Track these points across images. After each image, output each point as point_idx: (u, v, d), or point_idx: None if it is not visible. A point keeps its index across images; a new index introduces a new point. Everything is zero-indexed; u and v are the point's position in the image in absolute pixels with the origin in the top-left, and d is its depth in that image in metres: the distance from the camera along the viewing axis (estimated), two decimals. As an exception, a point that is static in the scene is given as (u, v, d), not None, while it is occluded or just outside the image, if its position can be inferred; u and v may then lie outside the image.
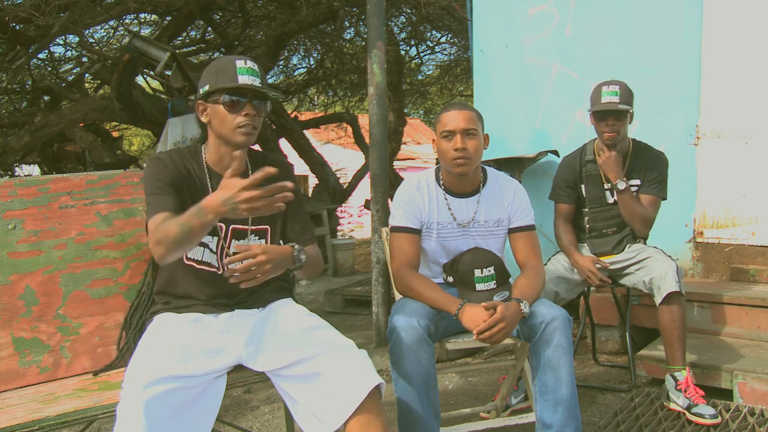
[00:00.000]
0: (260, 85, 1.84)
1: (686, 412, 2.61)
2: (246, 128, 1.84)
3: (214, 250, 1.93)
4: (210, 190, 1.89)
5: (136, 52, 5.28)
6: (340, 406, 1.66)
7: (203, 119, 1.90)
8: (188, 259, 1.91)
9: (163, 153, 1.94)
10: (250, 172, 1.97)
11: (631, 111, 2.85)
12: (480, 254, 2.25)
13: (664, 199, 2.94)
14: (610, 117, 2.82)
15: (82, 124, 7.15)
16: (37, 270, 2.08)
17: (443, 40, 9.13)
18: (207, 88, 1.85)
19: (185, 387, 1.63)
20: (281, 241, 2.02)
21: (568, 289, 2.95)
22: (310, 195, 8.61)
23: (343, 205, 9.30)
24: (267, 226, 1.99)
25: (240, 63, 1.85)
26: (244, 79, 1.82)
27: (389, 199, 3.25)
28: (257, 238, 1.98)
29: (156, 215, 1.76)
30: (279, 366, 1.78)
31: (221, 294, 1.93)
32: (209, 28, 7.58)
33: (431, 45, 9.36)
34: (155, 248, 1.72)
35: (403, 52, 8.72)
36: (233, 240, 1.94)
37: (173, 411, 1.59)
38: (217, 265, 1.93)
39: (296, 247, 1.86)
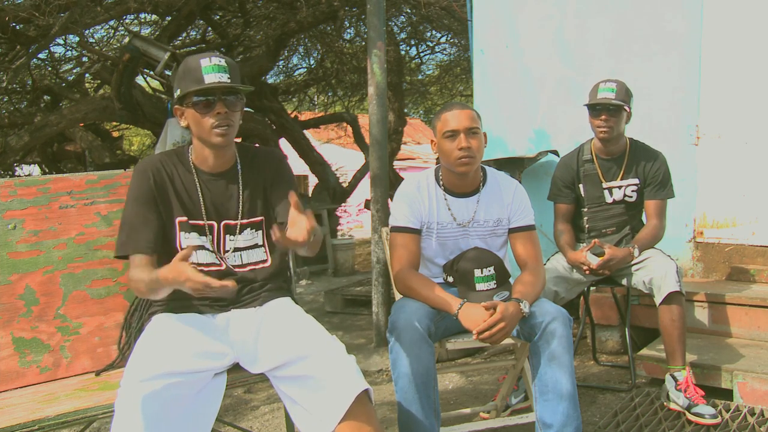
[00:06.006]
0: (228, 81, 1.78)
1: (686, 412, 2.61)
2: (220, 129, 1.80)
3: (211, 249, 1.92)
4: (198, 189, 1.90)
5: (136, 52, 5.28)
6: (330, 411, 1.65)
7: (182, 123, 1.88)
8: None
9: (148, 160, 1.92)
10: (239, 167, 1.95)
11: (627, 109, 2.85)
12: (480, 254, 2.25)
13: (672, 197, 2.95)
14: (604, 113, 2.83)
15: (82, 124, 7.15)
16: (37, 270, 2.08)
17: (443, 40, 9.13)
18: (179, 92, 1.82)
19: (183, 383, 1.63)
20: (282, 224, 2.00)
21: (568, 289, 2.96)
22: (310, 195, 8.61)
23: (343, 205, 9.29)
24: (261, 217, 1.97)
25: (205, 62, 1.79)
26: (210, 78, 1.77)
27: (389, 199, 3.25)
28: (253, 230, 1.97)
29: (134, 256, 1.83)
30: (272, 366, 1.77)
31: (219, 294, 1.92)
32: (209, 28, 7.57)
33: (431, 45, 9.37)
34: (134, 289, 1.86)
35: (403, 52, 8.71)
36: (227, 235, 1.93)
37: (171, 406, 1.59)
38: (218, 262, 1.92)
39: None
